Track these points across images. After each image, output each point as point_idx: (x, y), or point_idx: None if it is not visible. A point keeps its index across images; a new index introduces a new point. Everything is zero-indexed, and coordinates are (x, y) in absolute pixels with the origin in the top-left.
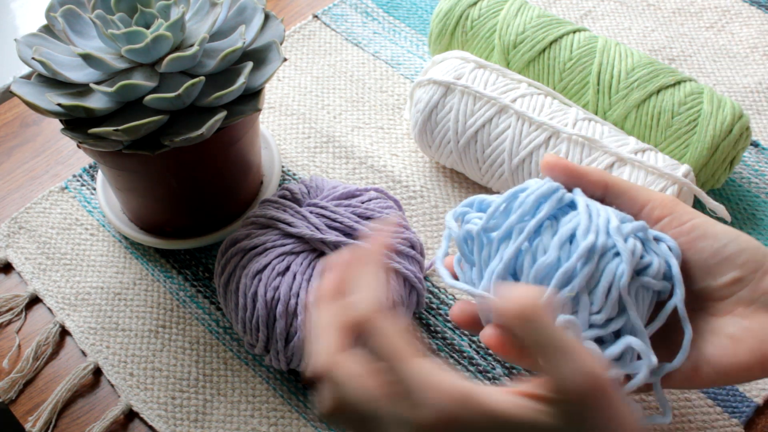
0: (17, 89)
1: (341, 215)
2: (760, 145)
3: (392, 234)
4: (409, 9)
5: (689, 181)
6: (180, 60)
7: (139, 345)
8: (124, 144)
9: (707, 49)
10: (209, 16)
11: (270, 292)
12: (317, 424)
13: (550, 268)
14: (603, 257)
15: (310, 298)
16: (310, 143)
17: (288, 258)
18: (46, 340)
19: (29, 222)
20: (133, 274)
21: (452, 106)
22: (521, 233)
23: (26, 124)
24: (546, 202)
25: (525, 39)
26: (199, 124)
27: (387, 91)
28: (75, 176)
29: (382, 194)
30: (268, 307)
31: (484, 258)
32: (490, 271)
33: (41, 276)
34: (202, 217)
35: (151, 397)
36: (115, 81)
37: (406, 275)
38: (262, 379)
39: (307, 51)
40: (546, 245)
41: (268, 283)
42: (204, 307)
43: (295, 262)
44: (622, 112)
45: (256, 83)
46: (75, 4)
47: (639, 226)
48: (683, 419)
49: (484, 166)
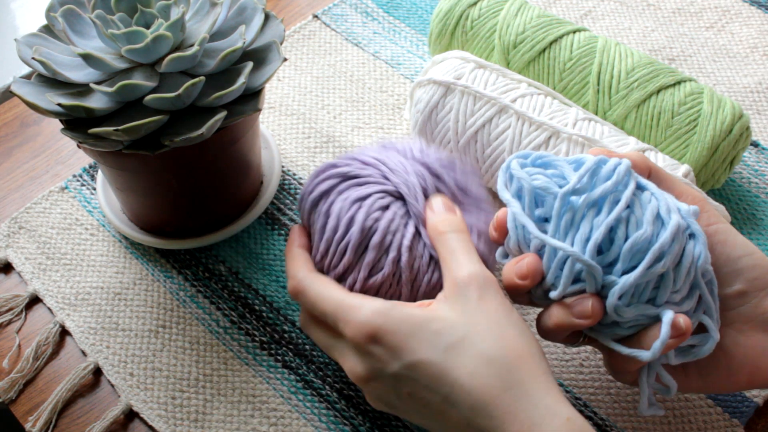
0: (17, 89)
1: (443, 178)
2: (760, 145)
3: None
4: (409, 9)
5: (689, 182)
6: (180, 60)
7: (139, 345)
8: (124, 144)
9: (707, 49)
10: (209, 16)
11: (369, 221)
12: (317, 423)
13: (645, 243)
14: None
15: (406, 242)
16: (310, 143)
17: (389, 198)
18: (46, 340)
19: (29, 222)
20: (133, 274)
21: (452, 106)
22: (616, 203)
23: (26, 124)
24: (631, 176)
25: (525, 39)
26: (199, 124)
27: (387, 91)
28: (75, 176)
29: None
30: (364, 234)
31: (565, 221)
32: (582, 238)
33: (41, 276)
34: (202, 217)
35: (151, 397)
36: (115, 81)
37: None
38: (262, 379)
39: (307, 51)
40: (639, 219)
41: (369, 212)
42: (204, 307)
43: (395, 204)
44: (622, 112)
45: (256, 83)
46: (75, 4)
47: (695, 210)
48: (683, 419)
49: (484, 166)
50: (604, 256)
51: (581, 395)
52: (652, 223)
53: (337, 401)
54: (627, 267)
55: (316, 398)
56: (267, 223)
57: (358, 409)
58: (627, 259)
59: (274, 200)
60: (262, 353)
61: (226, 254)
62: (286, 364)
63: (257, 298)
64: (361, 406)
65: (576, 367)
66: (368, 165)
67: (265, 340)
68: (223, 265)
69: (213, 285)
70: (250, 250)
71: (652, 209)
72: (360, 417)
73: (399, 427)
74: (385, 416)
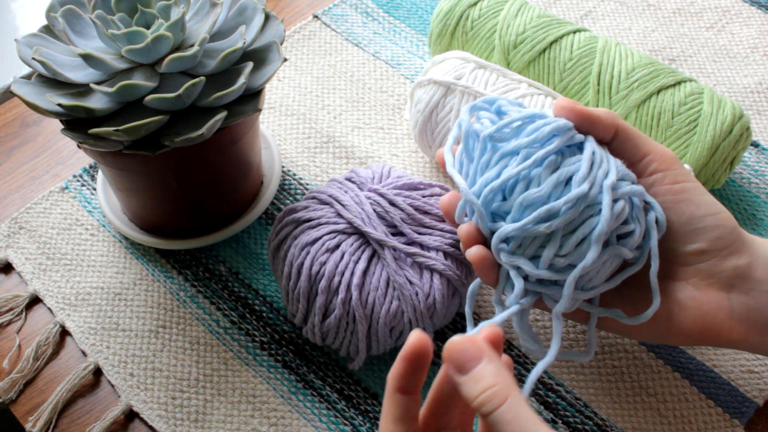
0: (17, 89)
1: (397, 204)
2: (760, 145)
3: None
4: (409, 9)
5: None
6: (180, 60)
7: (139, 345)
8: (124, 144)
9: (707, 50)
10: (209, 17)
11: (316, 266)
12: (317, 424)
13: (538, 201)
14: (589, 208)
15: (355, 280)
16: (310, 143)
17: (340, 237)
18: (46, 340)
19: (29, 222)
20: (133, 274)
21: (452, 107)
22: (527, 159)
23: (26, 124)
24: (558, 136)
25: (525, 39)
26: (200, 125)
27: (387, 91)
28: (75, 176)
29: (446, 192)
30: (312, 281)
31: (482, 162)
32: (484, 181)
33: (41, 276)
34: (202, 217)
35: (151, 398)
36: (116, 81)
37: (450, 277)
38: (262, 379)
39: (307, 51)
40: (542, 179)
41: (315, 257)
42: (204, 307)
43: (346, 242)
44: (622, 112)
45: (256, 83)
46: (75, 4)
47: (636, 191)
48: (683, 419)
49: None
50: (503, 204)
51: (581, 395)
52: (554, 186)
53: (337, 401)
54: (516, 218)
55: (316, 398)
56: (267, 223)
57: (358, 409)
58: (518, 211)
59: (274, 200)
60: (262, 353)
61: (226, 254)
62: (286, 364)
63: (257, 299)
64: (361, 406)
65: (576, 367)
66: (324, 204)
67: (265, 340)
68: (223, 265)
69: (213, 285)
70: (250, 250)
71: (563, 174)
72: (360, 417)
73: None
74: None
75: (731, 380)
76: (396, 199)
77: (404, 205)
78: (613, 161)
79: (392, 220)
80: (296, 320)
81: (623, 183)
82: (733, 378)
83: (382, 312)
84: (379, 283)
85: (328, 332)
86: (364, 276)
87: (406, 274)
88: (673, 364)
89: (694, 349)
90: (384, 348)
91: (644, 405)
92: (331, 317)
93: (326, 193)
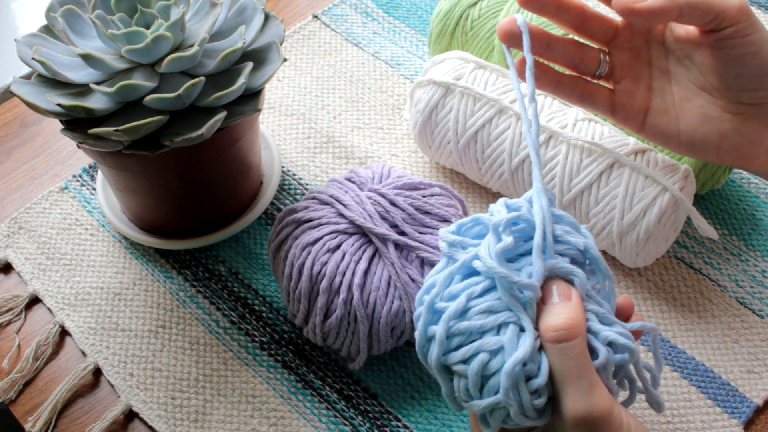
0: (17, 89)
1: (398, 204)
2: None
3: None
4: (409, 9)
5: (690, 183)
6: (180, 60)
7: (139, 345)
8: (124, 144)
9: None
10: (209, 17)
11: (317, 266)
12: (317, 424)
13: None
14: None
15: (356, 280)
16: (310, 143)
17: (341, 237)
18: (46, 340)
19: (29, 222)
20: (133, 274)
21: (452, 107)
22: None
23: (26, 124)
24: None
25: None
26: (199, 125)
27: (387, 91)
28: (75, 176)
29: (446, 192)
30: (313, 281)
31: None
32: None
33: (41, 276)
34: (202, 217)
35: (151, 398)
36: (115, 81)
37: None
38: (262, 379)
39: (307, 51)
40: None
41: (316, 257)
42: (204, 307)
43: (347, 242)
44: None
45: (256, 83)
46: (75, 4)
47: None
48: (683, 419)
49: (484, 167)
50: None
51: None
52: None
53: (337, 401)
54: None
55: (316, 398)
56: (267, 223)
57: (358, 409)
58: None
59: (274, 200)
60: (262, 353)
61: (226, 254)
62: (286, 364)
63: (257, 299)
64: (360, 406)
65: None
66: (325, 204)
67: (265, 340)
68: (223, 265)
69: (213, 285)
70: (250, 251)
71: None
72: (360, 417)
73: (399, 428)
74: (385, 416)
75: (730, 380)
76: (396, 199)
77: (405, 205)
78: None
79: (393, 220)
80: (297, 320)
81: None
82: (732, 378)
83: (383, 312)
84: (380, 283)
85: (330, 332)
86: (366, 276)
87: (409, 272)
88: (672, 364)
89: (694, 350)
90: (385, 348)
91: (644, 405)
92: (333, 317)
93: (327, 193)
